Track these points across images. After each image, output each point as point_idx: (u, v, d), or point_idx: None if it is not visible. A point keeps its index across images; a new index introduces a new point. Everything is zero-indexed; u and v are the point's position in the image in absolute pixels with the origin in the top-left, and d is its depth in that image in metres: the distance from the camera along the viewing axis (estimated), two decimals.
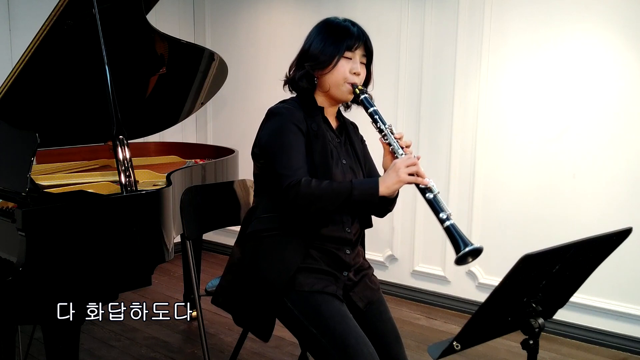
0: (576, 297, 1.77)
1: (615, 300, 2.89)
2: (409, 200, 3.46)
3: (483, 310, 1.23)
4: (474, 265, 3.30)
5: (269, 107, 1.76)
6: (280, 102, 1.78)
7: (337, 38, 1.70)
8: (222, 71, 3.23)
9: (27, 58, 2.20)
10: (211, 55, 3.06)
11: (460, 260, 1.52)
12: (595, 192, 2.89)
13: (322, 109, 1.77)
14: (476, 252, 1.51)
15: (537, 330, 1.31)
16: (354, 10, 3.58)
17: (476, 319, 1.25)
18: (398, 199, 1.67)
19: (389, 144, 1.67)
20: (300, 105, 1.74)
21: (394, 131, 1.69)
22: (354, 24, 1.75)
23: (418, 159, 1.63)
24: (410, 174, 1.57)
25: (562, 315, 2.01)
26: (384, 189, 1.59)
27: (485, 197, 3.23)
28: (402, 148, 1.65)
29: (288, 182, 1.59)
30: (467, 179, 3.27)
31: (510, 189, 3.14)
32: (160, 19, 3.76)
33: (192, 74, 3.08)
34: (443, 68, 3.29)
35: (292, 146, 1.65)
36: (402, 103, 3.44)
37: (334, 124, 1.83)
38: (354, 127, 1.93)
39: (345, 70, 1.70)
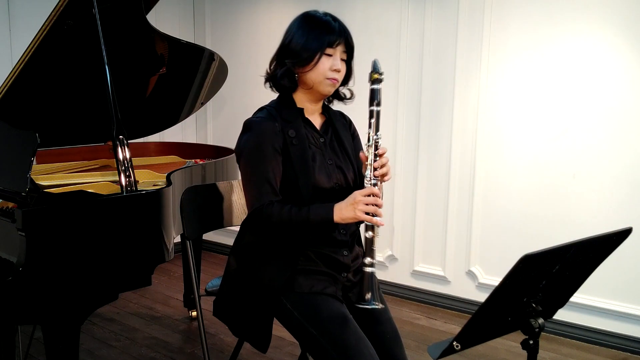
0: (576, 297, 1.78)
1: (615, 300, 2.89)
2: (409, 199, 3.47)
3: (483, 310, 1.23)
4: (474, 265, 3.30)
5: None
6: (258, 110, 1.77)
7: (318, 34, 1.67)
8: (222, 71, 3.23)
9: (27, 58, 2.19)
10: (211, 55, 3.06)
11: (358, 304, 1.59)
12: (595, 192, 2.89)
13: (301, 110, 1.76)
14: (374, 309, 1.59)
15: (537, 330, 1.31)
16: (354, 10, 3.58)
17: (476, 319, 1.25)
18: (398, 198, 1.67)
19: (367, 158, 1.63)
20: (278, 110, 1.73)
21: (379, 146, 1.63)
22: (334, 19, 1.72)
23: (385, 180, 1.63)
24: (367, 213, 1.56)
25: (562, 315, 2.02)
26: (338, 218, 1.59)
27: (485, 197, 3.23)
28: (374, 169, 1.61)
29: (253, 208, 1.65)
30: (467, 178, 3.27)
31: (510, 188, 3.14)
32: (160, 19, 3.76)
33: (192, 74, 3.08)
34: (443, 68, 3.29)
35: (258, 168, 1.65)
36: (402, 103, 3.44)
37: (317, 122, 1.81)
38: (345, 120, 1.90)
39: (326, 68, 1.67)
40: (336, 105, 1.90)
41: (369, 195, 1.57)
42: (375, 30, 3.52)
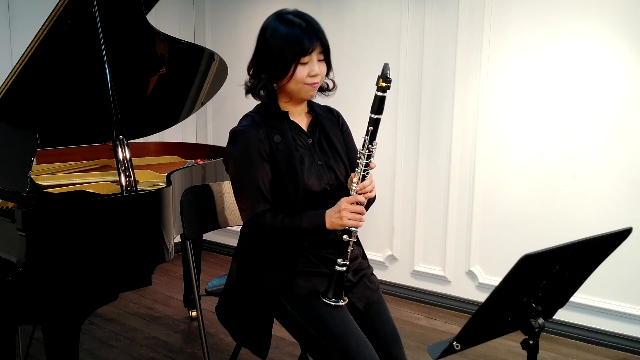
0: (576, 297, 1.77)
1: (615, 300, 2.89)
2: (409, 199, 3.47)
3: (483, 310, 1.23)
4: (474, 265, 3.30)
5: None
6: (243, 118, 1.77)
7: (291, 44, 1.61)
8: (222, 71, 3.23)
9: (27, 58, 2.20)
10: (211, 55, 3.06)
11: (322, 297, 1.65)
12: (595, 192, 2.89)
13: (286, 113, 1.75)
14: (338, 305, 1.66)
15: (537, 330, 1.31)
16: (354, 10, 3.58)
17: (476, 319, 1.25)
18: (398, 198, 1.67)
19: (357, 165, 1.62)
20: (262, 116, 1.72)
21: (372, 155, 1.61)
22: (306, 19, 1.65)
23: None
24: (352, 219, 1.59)
25: (562, 315, 2.01)
26: (329, 225, 1.62)
27: (485, 197, 3.23)
28: (358, 183, 1.61)
29: (246, 219, 1.67)
30: (467, 178, 3.27)
31: (510, 188, 3.14)
32: (160, 19, 3.76)
33: (192, 74, 3.08)
34: (443, 68, 3.29)
35: (248, 178, 1.66)
36: (402, 103, 3.44)
37: (304, 123, 1.79)
38: (333, 115, 1.87)
39: (303, 75, 1.65)
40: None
41: (354, 204, 1.59)
42: (375, 30, 3.52)
